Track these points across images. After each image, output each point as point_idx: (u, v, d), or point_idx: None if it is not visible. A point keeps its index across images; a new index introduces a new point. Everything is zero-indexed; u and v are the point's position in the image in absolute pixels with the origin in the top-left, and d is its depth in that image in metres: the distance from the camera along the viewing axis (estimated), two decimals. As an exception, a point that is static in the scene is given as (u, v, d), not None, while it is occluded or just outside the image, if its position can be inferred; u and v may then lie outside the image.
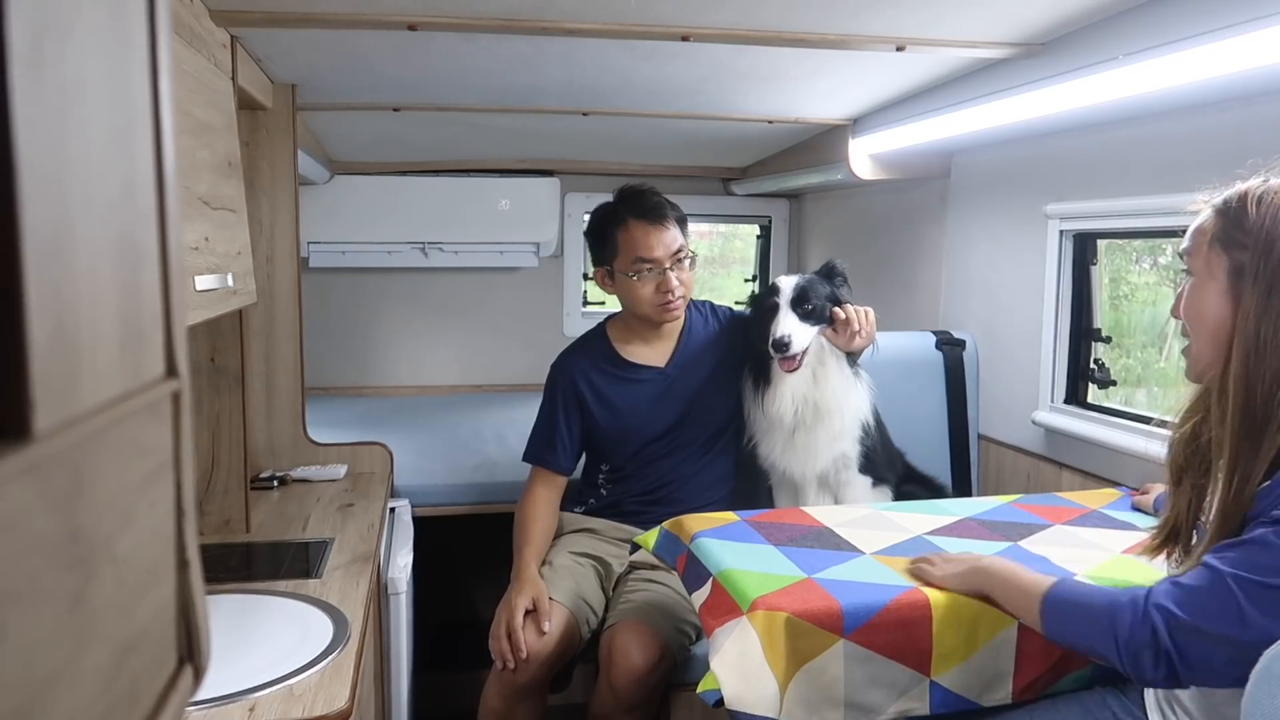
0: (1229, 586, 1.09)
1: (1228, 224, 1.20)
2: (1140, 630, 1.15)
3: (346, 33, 1.82)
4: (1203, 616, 1.11)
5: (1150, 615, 1.14)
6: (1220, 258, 1.20)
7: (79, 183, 0.34)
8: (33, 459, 0.30)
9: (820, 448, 2.17)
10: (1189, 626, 1.12)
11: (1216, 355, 1.20)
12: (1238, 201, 1.20)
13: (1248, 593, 1.08)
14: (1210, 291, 1.21)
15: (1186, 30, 1.50)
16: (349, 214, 3.37)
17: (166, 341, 0.43)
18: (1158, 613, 1.14)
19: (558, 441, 2.26)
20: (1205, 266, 1.22)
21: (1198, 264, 1.23)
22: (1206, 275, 1.21)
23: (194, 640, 0.44)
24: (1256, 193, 1.19)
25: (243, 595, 1.65)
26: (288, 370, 2.39)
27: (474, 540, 2.94)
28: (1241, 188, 1.22)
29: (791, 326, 2.08)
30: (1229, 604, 1.09)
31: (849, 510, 1.91)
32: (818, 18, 1.76)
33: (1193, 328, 1.24)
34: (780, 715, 1.38)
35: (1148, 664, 1.15)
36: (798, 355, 2.09)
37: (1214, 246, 1.21)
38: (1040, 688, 1.45)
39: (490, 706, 2.03)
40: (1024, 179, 2.41)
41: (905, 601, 1.45)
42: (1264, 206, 1.17)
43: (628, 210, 2.22)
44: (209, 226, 1.51)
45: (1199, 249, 1.23)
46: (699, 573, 1.62)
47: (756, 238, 4.00)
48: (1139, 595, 1.18)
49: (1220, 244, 1.20)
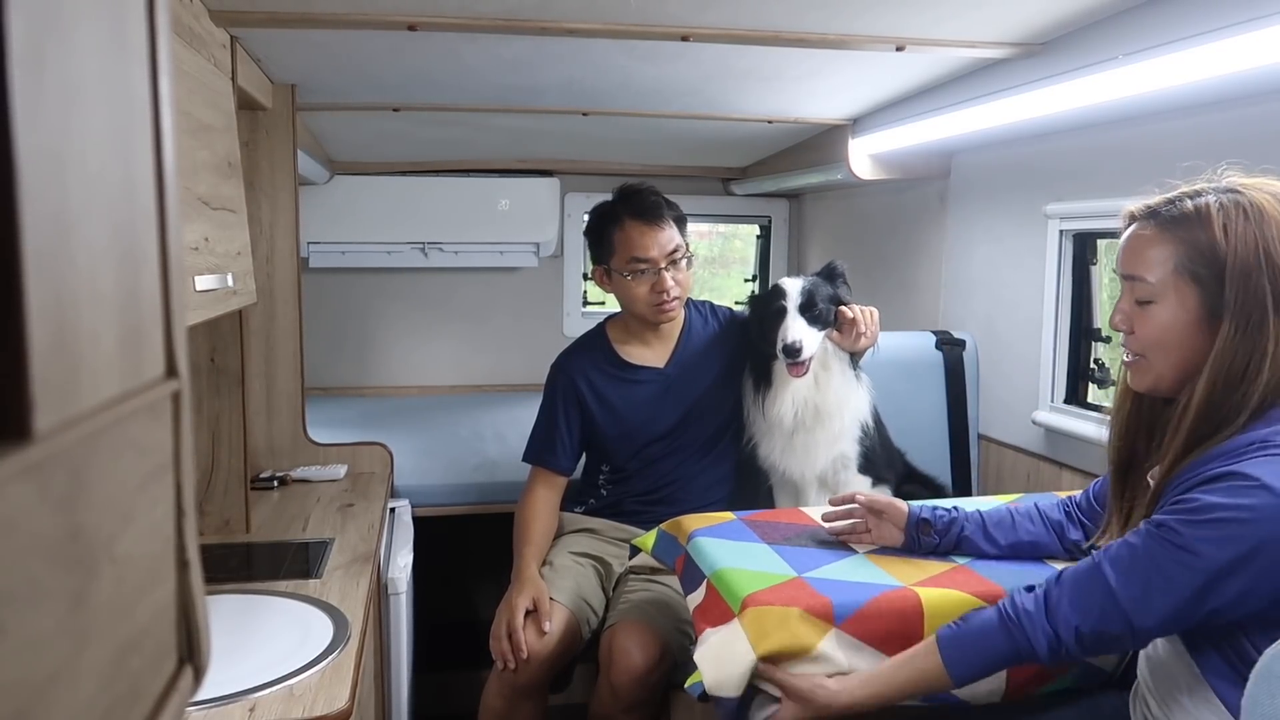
0: (1116, 599, 1.17)
1: (1193, 253, 1.18)
2: (1055, 650, 1.23)
3: (346, 33, 1.82)
4: (1100, 622, 1.19)
5: (1062, 636, 1.22)
6: (1189, 288, 1.19)
7: (79, 182, 0.34)
8: (33, 459, 0.30)
9: (820, 449, 2.17)
10: (1092, 635, 1.20)
11: (1179, 377, 1.22)
12: (1199, 224, 1.18)
13: (1134, 599, 1.16)
14: (1180, 321, 1.20)
15: (1186, 30, 1.50)
16: (349, 214, 3.37)
17: (166, 341, 0.43)
18: (1069, 632, 1.22)
19: (558, 442, 2.26)
20: (1174, 296, 1.20)
21: (1158, 290, 1.21)
22: (1176, 305, 1.20)
23: (194, 640, 0.44)
24: (1218, 217, 1.17)
25: (243, 595, 1.65)
26: (288, 370, 2.39)
27: (474, 540, 2.94)
28: (1190, 205, 1.20)
29: (801, 331, 2.07)
30: (1117, 612, 1.18)
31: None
32: (818, 18, 1.76)
33: (1155, 351, 1.23)
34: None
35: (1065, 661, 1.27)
36: (807, 360, 2.08)
37: (1181, 276, 1.19)
38: (1033, 686, 1.46)
39: (490, 707, 2.03)
40: (1024, 179, 2.41)
41: (896, 597, 1.46)
42: (1232, 236, 1.15)
43: (624, 210, 2.22)
44: (209, 226, 1.51)
45: (1155, 271, 1.21)
46: (694, 574, 1.63)
47: (756, 238, 4.00)
48: (1037, 620, 1.24)
49: (1188, 274, 1.19)
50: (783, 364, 2.10)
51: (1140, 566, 1.16)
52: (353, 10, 1.70)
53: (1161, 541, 1.14)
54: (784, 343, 2.06)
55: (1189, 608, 1.13)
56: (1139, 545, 1.17)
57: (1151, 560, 1.15)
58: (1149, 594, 1.15)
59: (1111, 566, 1.19)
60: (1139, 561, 1.16)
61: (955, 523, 1.63)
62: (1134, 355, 1.28)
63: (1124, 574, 1.17)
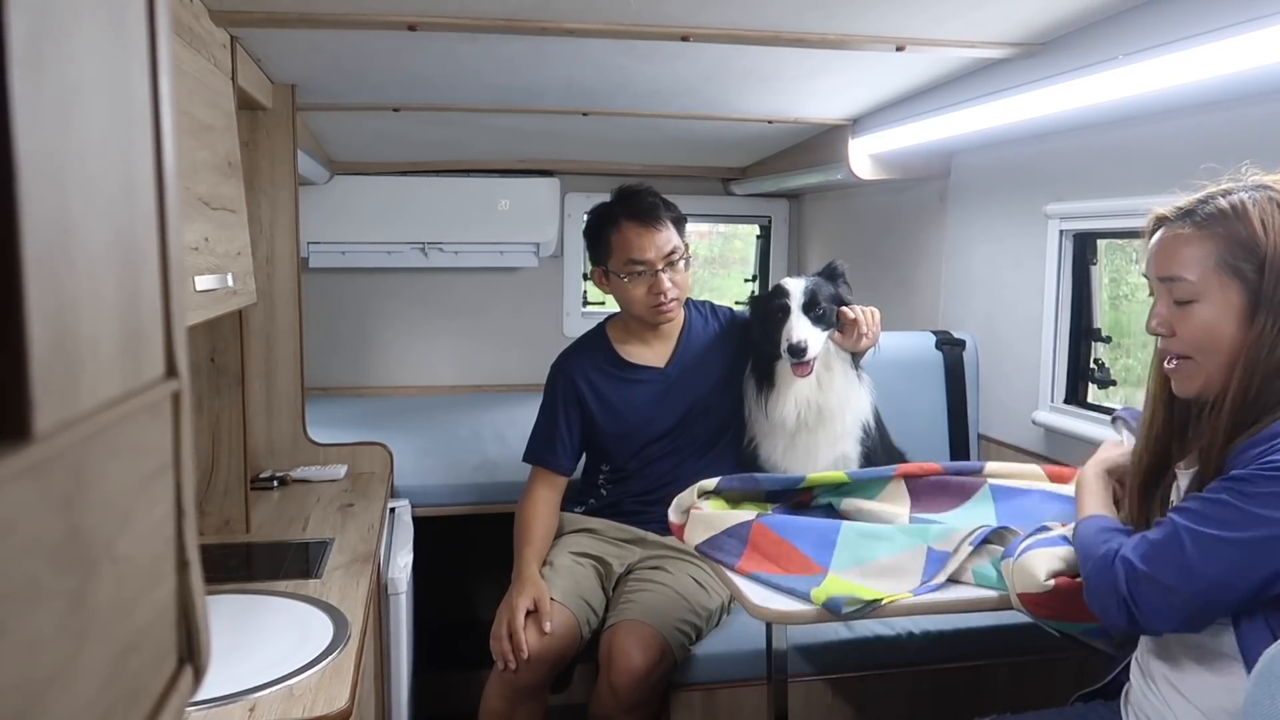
0: (1180, 538, 1.17)
1: (1235, 247, 1.18)
2: (1104, 579, 1.24)
3: (346, 33, 1.82)
4: (1156, 565, 1.19)
5: (1114, 567, 1.22)
6: (1233, 283, 1.19)
7: (79, 183, 0.34)
8: (33, 459, 0.30)
9: (821, 449, 2.17)
10: (1144, 575, 1.19)
11: (1229, 375, 1.21)
12: (1237, 220, 1.19)
13: (1195, 542, 1.15)
14: (1224, 318, 1.20)
15: (1186, 30, 1.50)
16: (349, 214, 3.37)
17: (166, 342, 0.43)
18: (1120, 564, 1.22)
19: (558, 442, 2.26)
20: (1217, 292, 1.20)
21: (1200, 288, 1.21)
22: (1221, 301, 1.20)
23: (194, 640, 0.44)
24: (1255, 212, 1.18)
25: (243, 595, 1.65)
26: (288, 370, 2.39)
27: (474, 540, 2.94)
28: (1224, 203, 1.21)
29: (806, 331, 2.07)
30: (1178, 554, 1.17)
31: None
32: (818, 18, 1.76)
33: (1201, 352, 1.23)
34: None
35: (1111, 609, 1.23)
36: (812, 360, 2.08)
37: (1223, 272, 1.19)
38: (1059, 609, 1.47)
39: (491, 707, 2.03)
40: (1024, 179, 2.41)
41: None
42: (1270, 229, 1.17)
43: (622, 211, 2.21)
44: (209, 226, 1.51)
45: (1195, 270, 1.21)
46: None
47: (756, 238, 4.00)
48: (1111, 549, 1.25)
49: (1230, 270, 1.19)
50: (786, 364, 2.10)
51: (1208, 507, 1.16)
52: (353, 10, 1.70)
53: (1235, 490, 1.14)
54: (789, 342, 2.06)
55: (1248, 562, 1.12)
56: (1210, 492, 1.17)
57: (1224, 504, 1.14)
58: (1214, 544, 1.14)
59: (1178, 512, 1.19)
60: (1208, 504, 1.16)
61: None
62: (1177, 359, 1.26)
63: (1188, 514, 1.17)
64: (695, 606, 2.07)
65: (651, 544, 2.23)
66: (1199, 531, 1.15)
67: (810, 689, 2.04)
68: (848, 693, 2.06)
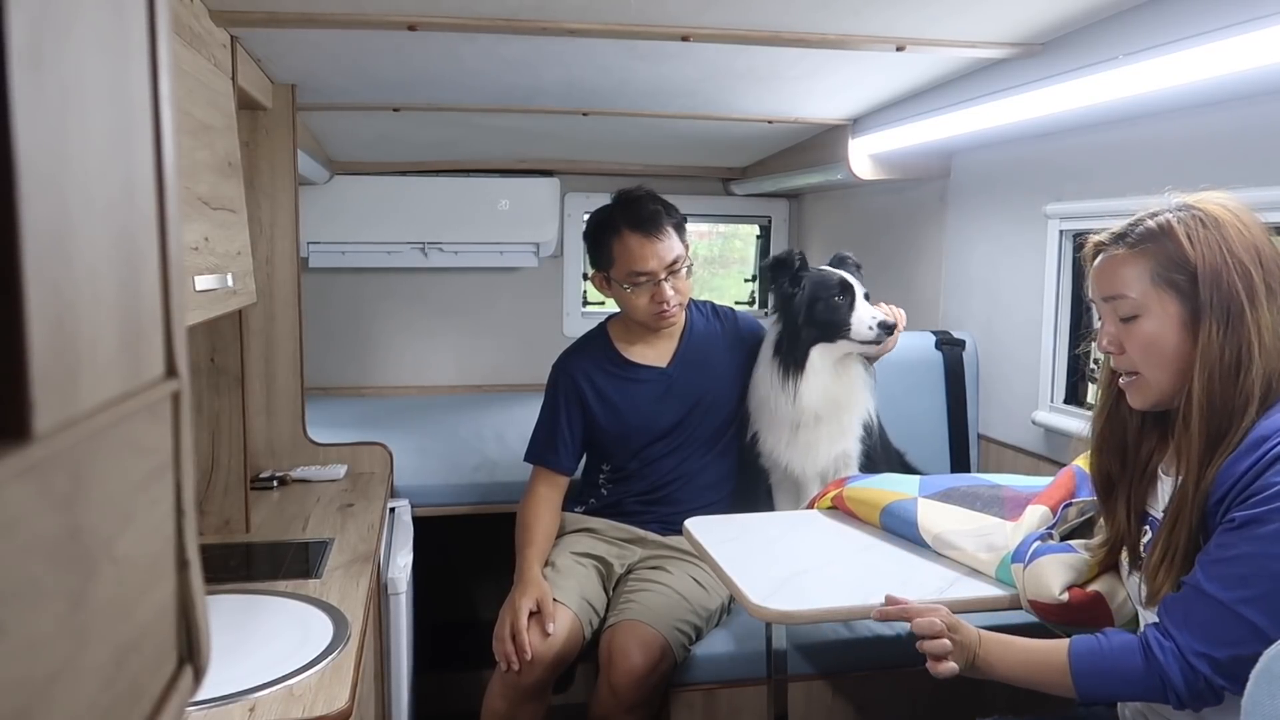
0: (1238, 614, 1.16)
1: (1167, 262, 1.25)
2: (1193, 683, 1.22)
3: (346, 33, 1.82)
4: (1232, 646, 1.18)
5: (1196, 666, 1.21)
6: (1170, 295, 1.26)
7: (79, 183, 0.34)
8: (33, 459, 0.30)
9: (822, 445, 2.17)
10: (1229, 660, 1.18)
11: (1177, 384, 1.26)
12: (1165, 237, 1.26)
13: (1254, 608, 1.15)
14: (1166, 329, 1.26)
15: (1186, 30, 1.50)
16: (349, 214, 3.37)
17: (166, 342, 0.43)
18: (1201, 661, 1.21)
19: (559, 441, 2.26)
20: (1157, 305, 1.27)
21: (1141, 303, 1.28)
22: (1161, 313, 1.26)
23: (194, 640, 0.44)
24: (1180, 229, 1.25)
25: (243, 595, 1.65)
26: (287, 370, 2.39)
27: (474, 540, 2.94)
28: (1152, 224, 1.28)
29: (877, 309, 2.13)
30: (1245, 626, 1.16)
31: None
32: (817, 18, 1.76)
33: (1148, 364, 1.29)
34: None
35: (1208, 701, 1.23)
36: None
37: (1160, 286, 1.26)
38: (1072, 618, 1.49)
39: (493, 708, 2.03)
40: (1023, 179, 2.41)
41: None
42: (1196, 243, 1.24)
43: (623, 220, 2.21)
44: (209, 226, 1.51)
45: (1135, 286, 1.28)
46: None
47: (756, 238, 4.00)
48: (1169, 650, 1.23)
49: (1166, 283, 1.26)
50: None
51: (1239, 569, 1.16)
52: (353, 10, 1.70)
53: (1252, 537, 1.15)
54: (878, 320, 2.10)
55: None
56: (1227, 548, 1.18)
57: (1251, 558, 1.15)
58: (1262, 594, 1.15)
59: (1210, 582, 1.19)
60: (1236, 564, 1.16)
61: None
62: (1128, 375, 1.32)
63: (1224, 582, 1.17)
64: (695, 606, 2.07)
65: (652, 544, 2.23)
66: (1249, 597, 1.15)
67: (810, 689, 2.04)
68: (848, 693, 2.06)
